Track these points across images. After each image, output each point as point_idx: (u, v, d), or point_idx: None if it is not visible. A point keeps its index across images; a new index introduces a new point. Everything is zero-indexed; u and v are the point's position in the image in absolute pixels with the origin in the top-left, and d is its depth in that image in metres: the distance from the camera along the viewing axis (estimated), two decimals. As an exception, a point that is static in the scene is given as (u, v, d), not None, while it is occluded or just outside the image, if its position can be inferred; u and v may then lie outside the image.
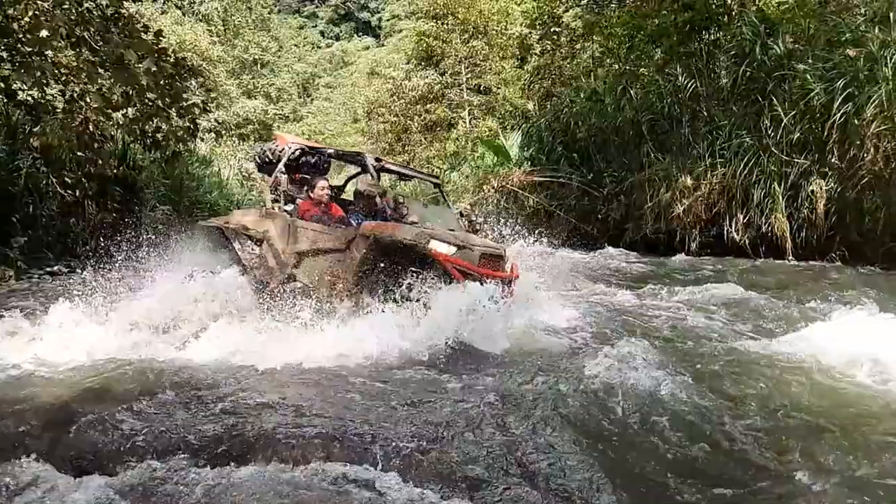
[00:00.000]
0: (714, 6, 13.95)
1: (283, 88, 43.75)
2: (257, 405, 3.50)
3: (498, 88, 27.56)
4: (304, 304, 5.27)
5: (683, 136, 12.27)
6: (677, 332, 5.33)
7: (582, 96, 16.14)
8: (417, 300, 5.13)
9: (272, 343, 4.75)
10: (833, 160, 9.47)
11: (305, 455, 2.90)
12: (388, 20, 52.77)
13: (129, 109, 9.62)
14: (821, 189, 9.52)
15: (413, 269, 5.32)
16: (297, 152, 6.59)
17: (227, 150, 32.38)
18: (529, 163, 16.31)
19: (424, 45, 26.66)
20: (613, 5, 19.05)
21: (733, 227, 10.73)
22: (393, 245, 5.34)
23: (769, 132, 10.40)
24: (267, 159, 6.81)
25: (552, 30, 22.51)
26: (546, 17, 22.83)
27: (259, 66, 44.37)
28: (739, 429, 3.18)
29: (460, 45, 26.55)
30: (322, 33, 60.20)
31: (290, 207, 6.36)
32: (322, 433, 3.08)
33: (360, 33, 59.32)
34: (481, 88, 28.04)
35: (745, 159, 10.56)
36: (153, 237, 6.75)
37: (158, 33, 9.26)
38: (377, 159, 6.44)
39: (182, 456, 2.92)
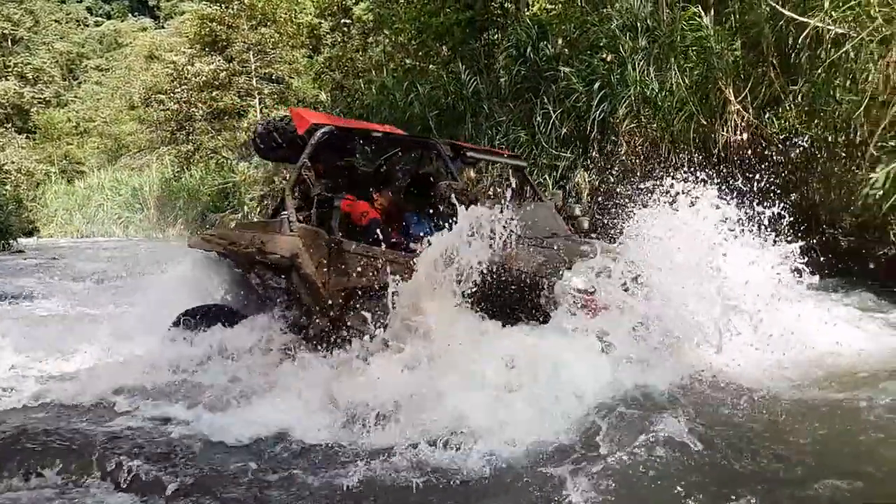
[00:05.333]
0: (493, 7, 14.81)
1: (41, 69, 38.55)
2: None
3: (291, 78, 26.81)
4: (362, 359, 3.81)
5: (467, 132, 12.85)
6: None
7: (373, 90, 16.27)
8: None
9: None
10: (594, 154, 10.50)
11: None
12: (167, 0, 48.80)
13: None
14: (584, 180, 10.53)
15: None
16: (326, 136, 4.52)
17: (-30, 138, 27.89)
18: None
19: (208, 29, 25.02)
20: (402, 0, 19.42)
21: (512, 217, 11.48)
22: (507, 281, 3.73)
23: (541, 128, 11.26)
24: (274, 142, 4.94)
25: (342, 21, 22.39)
26: (336, 8, 22.65)
27: (10, 42, 38.67)
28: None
29: (248, 31, 25.35)
30: (89, 10, 53.96)
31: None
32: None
33: (136, 13, 54.13)
34: (273, 77, 27.08)
35: (521, 152, 11.35)
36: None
37: None
38: (454, 146, 4.63)
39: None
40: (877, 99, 6.08)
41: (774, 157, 7.75)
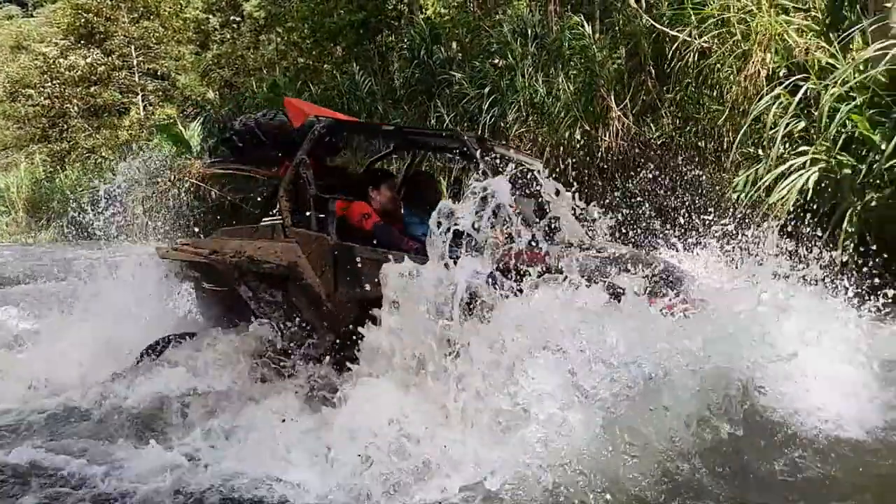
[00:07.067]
0: (387, 9, 14.84)
1: None
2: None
3: (177, 74, 25.65)
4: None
5: (362, 132, 12.81)
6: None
7: (264, 88, 15.88)
8: None
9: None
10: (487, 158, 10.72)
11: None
12: (38, -13, 45.23)
13: None
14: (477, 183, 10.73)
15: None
16: (325, 129, 4.02)
17: None
18: (211, 154, 15.51)
19: (83, 20, 23.45)
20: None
21: (408, 218, 11.53)
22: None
23: (435, 131, 11.39)
24: (256, 138, 4.27)
25: (232, 18, 21.71)
26: (225, 3, 21.93)
27: None
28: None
29: (129, 24, 23.99)
30: (-54, -7, 49.16)
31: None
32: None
33: (1, -1, 49.85)
34: (158, 73, 25.79)
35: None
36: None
37: None
38: (481, 139, 4.13)
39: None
40: (737, 109, 6.61)
41: (652, 162, 8.25)
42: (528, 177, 3.81)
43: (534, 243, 3.19)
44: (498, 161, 4.05)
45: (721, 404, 2.67)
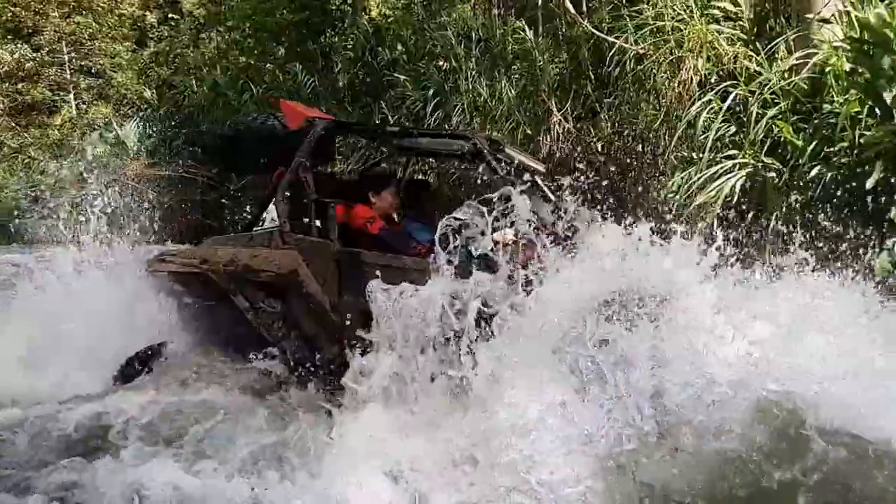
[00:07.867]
0: (330, 9, 14.71)
1: None
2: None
3: (112, 72, 24.77)
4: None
5: (305, 134, 12.66)
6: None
7: (204, 88, 15.52)
8: None
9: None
10: (430, 159, 10.75)
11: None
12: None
13: None
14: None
15: None
16: (324, 131, 3.95)
17: None
18: (148, 154, 15.07)
19: (10, 13, 22.43)
20: (235, -3, 18.72)
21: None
22: None
23: (379, 132, 11.35)
24: (246, 143, 4.44)
25: (170, 15, 21.15)
26: (163, 0, 21.36)
27: None
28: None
29: (60, 19, 23.06)
30: None
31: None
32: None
33: (-80, -11, 47.19)
34: (92, 70, 24.85)
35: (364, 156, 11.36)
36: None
37: None
38: (492, 140, 3.99)
39: None
40: (672, 113, 6.83)
41: (594, 165, 8.43)
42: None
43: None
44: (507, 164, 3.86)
45: (769, 446, 1.97)
